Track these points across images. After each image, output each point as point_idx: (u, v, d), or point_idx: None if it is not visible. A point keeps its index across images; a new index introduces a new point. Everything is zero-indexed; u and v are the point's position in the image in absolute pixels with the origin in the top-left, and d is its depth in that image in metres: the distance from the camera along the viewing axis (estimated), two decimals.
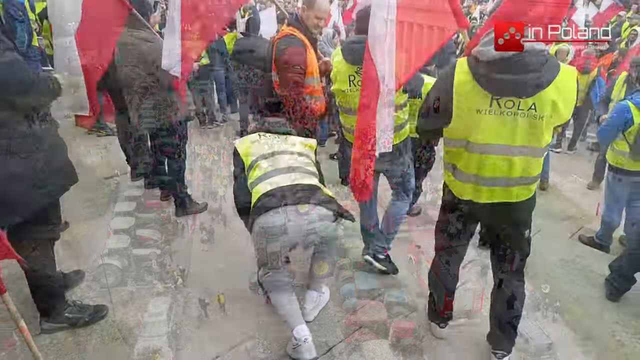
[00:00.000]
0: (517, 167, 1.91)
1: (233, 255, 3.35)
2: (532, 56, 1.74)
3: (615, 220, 4.08)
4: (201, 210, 4.03)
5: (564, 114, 1.81)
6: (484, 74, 1.78)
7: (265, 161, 2.40)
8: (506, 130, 1.84)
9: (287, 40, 3.02)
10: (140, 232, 3.61)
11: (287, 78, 2.99)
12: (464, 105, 1.85)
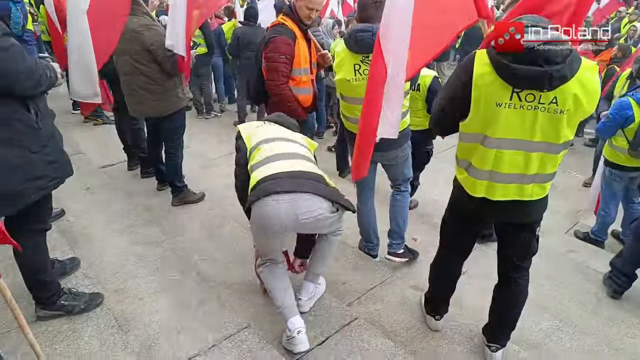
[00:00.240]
0: (534, 163, 1.86)
1: (231, 244, 3.35)
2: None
3: (611, 216, 4.11)
4: (198, 199, 4.02)
5: (588, 108, 1.75)
6: (506, 66, 1.70)
7: (267, 145, 2.36)
8: (526, 125, 1.78)
9: (275, 30, 3.04)
10: (137, 221, 3.61)
11: (271, 67, 3.02)
12: (484, 98, 1.78)
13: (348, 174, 5.28)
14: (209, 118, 7.12)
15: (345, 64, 2.79)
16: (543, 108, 1.74)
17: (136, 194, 4.14)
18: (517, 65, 1.67)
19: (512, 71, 1.69)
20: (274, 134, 2.48)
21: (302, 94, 3.23)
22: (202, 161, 5.02)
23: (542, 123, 1.77)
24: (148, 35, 3.26)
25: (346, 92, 2.88)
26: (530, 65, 1.66)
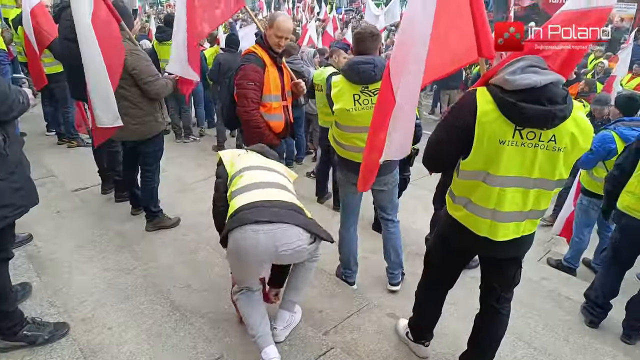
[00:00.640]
0: (531, 200, 1.90)
1: (205, 270, 3.28)
2: (558, 88, 1.74)
3: (585, 242, 4.22)
4: (173, 224, 3.94)
5: (583, 145, 1.81)
6: (513, 104, 1.72)
7: (249, 172, 2.35)
8: (526, 162, 1.82)
9: (246, 58, 3.13)
10: (108, 246, 3.50)
11: (240, 94, 3.08)
12: (487, 135, 1.79)
13: (327, 199, 5.30)
14: (188, 142, 7.08)
15: (345, 94, 2.83)
16: (543, 145, 1.78)
17: (109, 219, 4.04)
18: (525, 104, 1.70)
19: (520, 110, 1.71)
20: (255, 162, 2.48)
21: (274, 120, 3.28)
22: (178, 185, 4.96)
23: (541, 160, 1.81)
24: (130, 60, 3.26)
25: (344, 121, 2.90)
26: (534, 104, 1.70)
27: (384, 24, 13.11)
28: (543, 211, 1.99)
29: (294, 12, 21.79)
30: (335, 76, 2.93)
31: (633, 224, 3.08)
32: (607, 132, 3.77)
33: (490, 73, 1.88)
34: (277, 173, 2.46)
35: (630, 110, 3.95)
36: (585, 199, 4.11)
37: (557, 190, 1.94)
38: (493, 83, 1.82)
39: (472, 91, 1.86)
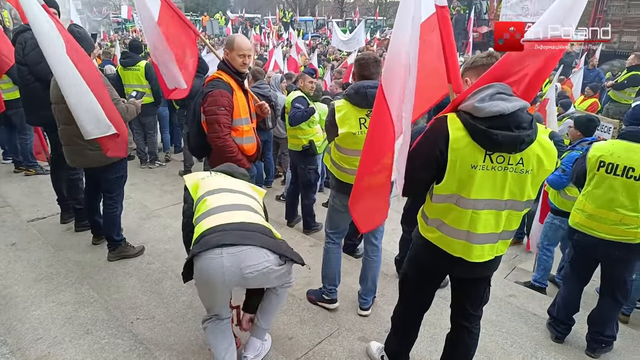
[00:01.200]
0: (503, 221, 1.96)
1: (171, 300, 3.16)
2: (525, 114, 1.82)
3: (551, 260, 4.34)
4: (137, 253, 3.80)
5: (548, 167, 1.90)
6: (481, 130, 1.79)
7: (212, 197, 2.31)
8: (497, 185, 1.89)
9: (212, 84, 3.11)
10: (67, 278, 3.34)
11: (212, 120, 3.06)
12: (460, 161, 1.85)
13: (296, 223, 5.27)
14: (153, 167, 6.93)
15: (351, 117, 2.83)
16: (512, 168, 1.86)
17: (68, 249, 3.86)
18: (494, 130, 1.78)
19: (490, 136, 1.78)
20: (220, 184, 2.44)
21: (247, 143, 3.27)
22: (142, 212, 4.81)
23: (510, 182, 1.88)
24: None
25: (348, 144, 2.90)
26: (504, 130, 1.78)
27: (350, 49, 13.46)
28: (514, 231, 2.06)
29: (262, 38, 22.10)
30: (337, 101, 2.93)
31: (585, 240, 3.17)
32: (574, 152, 3.95)
33: (459, 99, 1.94)
34: (242, 194, 2.42)
35: (590, 131, 4.15)
36: (557, 219, 4.22)
37: (526, 210, 2.01)
38: (462, 110, 1.88)
39: (443, 118, 1.91)
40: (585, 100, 8.51)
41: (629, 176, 2.94)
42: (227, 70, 3.16)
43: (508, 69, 1.91)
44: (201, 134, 3.21)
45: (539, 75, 1.95)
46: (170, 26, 3.84)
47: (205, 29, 30.46)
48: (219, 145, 3.09)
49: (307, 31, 31.00)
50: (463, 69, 2.20)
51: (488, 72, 1.92)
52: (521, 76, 1.92)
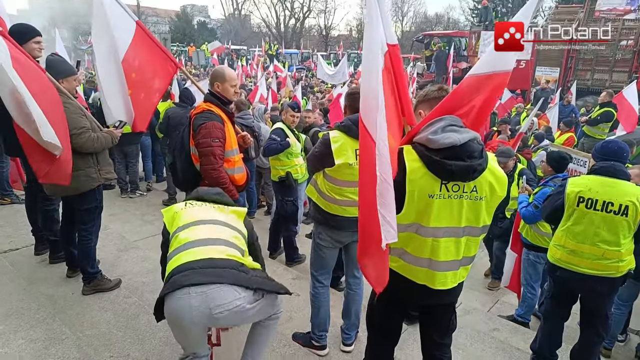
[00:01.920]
0: (462, 247, 2.01)
1: (148, 337, 3.05)
2: (476, 144, 1.91)
3: (536, 297, 4.34)
4: (113, 287, 3.68)
5: (500, 193, 1.99)
6: (435, 161, 1.87)
7: (186, 231, 2.25)
8: (454, 213, 1.94)
9: (204, 116, 3.09)
10: (38, 313, 3.20)
11: (206, 152, 3.04)
12: (417, 191, 1.91)
13: (279, 255, 5.21)
14: (134, 197, 6.81)
15: (348, 149, 2.83)
16: (467, 196, 1.93)
17: (41, 282, 3.71)
18: (448, 161, 1.85)
19: (444, 166, 1.86)
20: (195, 216, 2.36)
21: (238, 173, 3.28)
22: (121, 244, 4.69)
23: (466, 209, 1.95)
24: None
25: (342, 175, 2.88)
26: (457, 160, 1.86)
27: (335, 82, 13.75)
28: (473, 257, 2.11)
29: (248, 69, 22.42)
30: (333, 132, 2.94)
31: (567, 275, 3.19)
32: (546, 188, 4.01)
33: (414, 132, 2.02)
34: (218, 224, 2.35)
35: (562, 167, 4.26)
36: (532, 254, 4.27)
37: (483, 235, 2.07)
38: (417, 142, 1.95)
39: (399, 150, 1.98)
40: (562, 135, 8.79)
41: (608, 210, 3.00)
42: (216, 102, 3.16)
43: (457, 101, 2.01)
44: (190, 166, 3.18)
45: (485, 106, 2.05)
46: (142, 54, 3.81)
47: (191, 59, 30.79)
48: (213, 176, 3.07)
49: (292, 63, 31.59)
50: (416, 102, 2.29)
51: (440, 105, 2.01)
52: (469, 108, 2.02)
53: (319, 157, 2.95)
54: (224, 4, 51.22)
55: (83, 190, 3.38)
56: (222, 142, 3.09)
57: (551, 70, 15.70)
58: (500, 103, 12.23)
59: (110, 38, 3.71)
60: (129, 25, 3.79)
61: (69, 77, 3.37)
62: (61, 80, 3.29)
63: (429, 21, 50.31)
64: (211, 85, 3.23)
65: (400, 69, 2.11)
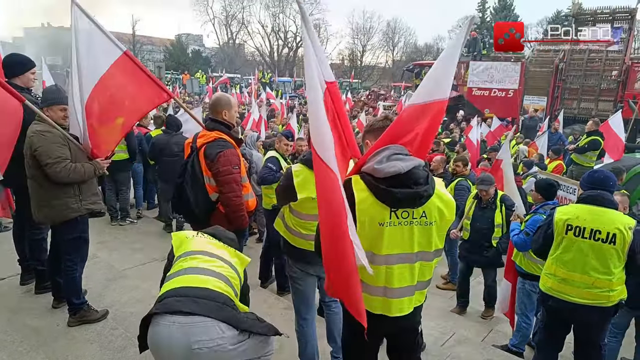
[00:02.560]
0: (416, 273, 2.04)
1: None
2: (421, 171, 1.96)
3: (531, 327, 4.29)
4: (100, 318, 3.59)
5: (449, 217, 2.05)
6: (382, 189, 1.91)
7: (190, 257, 2.24)
8: (405, 239, 1.97)
9: (219, 144, 3.08)
10: (21, 346, 3.11)
11: (229, 180, 3.04)
12: (368, 219, 1.94)
13: (270, 284, 5.14)
14: (124, 225, 6.73)
15: (309, 182, 2.80)
16: (416, 222, 1.97)
17: (26, 313, 3.62)
18: (395, 189, 1.89)
19: (391, 194, 1.90)
20: (201, 247, 2.36)
21: (250, 198, 3.33)
22: (109, 273, 4.60)
23: (417, 235, 1.99)
24: (36, 141, 3.18)
25: (306, 210, 2.88)
26: (403, 188, 1.90)
27: None
28: (428, 281, 2.14)
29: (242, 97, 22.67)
30: (294, 166, 2.95)
31: (559, 305, 3.18)
32: (537, 215, 4.04)
33: (361, 162, 2.07)
34: (220, 259, 2.34)
35: (551, 195, 4.30)
36: (528, 283, 4.24)
37: (437, 260, 2.10)
38: (364, 171, 2.00)
39: (348, 180, 2.02)
40: (551, 163, 8.91)
41: (596, 239, 3.02)
42: (225, 130, 3.17)
43: (401, 130, 2.07)
44: (206, 197, 3.16)
45: (427, 134, 2.12)
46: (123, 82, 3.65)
47: (185, 86, 31.12)
48: (236, 204, 3.07)
49: (286, 91, 32.04)
50: (363, 132, 2.36)
51: (384, 135, 2.07)
52: (413, 136, 2.07)
53: (282, 191, 2.95)
54: (219, 33, 52.11)
55: (61, 220, 3.33)
56: (239, 169, 3.12)
57: (539, 99, 16.09)
58: (490, 131, 12.46)
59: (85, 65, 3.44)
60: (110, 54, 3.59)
61: (52, 106, 3.31)
62: (45, 109, 3.29)
63: (419, 51, 51.68)
64: (217, 114, 3.22)
65: (340, 104, 2.22)
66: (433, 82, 2.10)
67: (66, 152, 3.26)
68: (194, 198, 3.20)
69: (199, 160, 3.13)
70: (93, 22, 3.40)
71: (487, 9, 43.18)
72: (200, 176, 3.14)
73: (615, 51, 14.74)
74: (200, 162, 3.12)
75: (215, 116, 3.23)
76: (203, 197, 3.18)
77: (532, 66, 16.51)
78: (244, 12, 50.54)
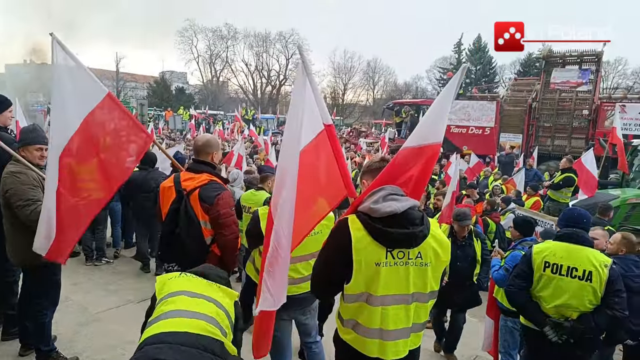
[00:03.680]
0: (412, 314, 2.02)
1: None
2: (417, 212, 1.98)
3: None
4: None
5: (444, 258, 2.05)
6: (378, 229, 1.92)
7: (169, 300, 2.14)
8: (401, 280, 1.97)
9: (214, 187, 3.04)
10: None
11: (229, 222, 3.00)
12: (364, 259, 1.93)
13: (250, 325, 4.98)
14: (100, 265, 6.52)
15: None
16: (412, 262, 1.98)
17: None
18: (391, 229, 1.91)
19: (387, 234, 1.91)
20: (182, 286, 2.26)
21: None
22: (81, 316, 4.42)
23: (413, 276, 1.98)
24: (8, 182, 3.14)
25: None
26: (399, 228, 1.92)
27: None
28: (424, 324, 2.12)
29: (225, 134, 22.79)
30: (261, 209, 2.95)
31: (539, 344, 3.17)
32: (517, 252, 4.08)
33: (357, 201, 2.10)
34: (202, 297, 2.25)
35: (529, 232, 4.38)
36: (510, 320, 4.22)
37: (432, 302, 2.09)
38: (361, 211, 2.02)
39: (344, 220, 2.04)
40: (529, 199, 9.11)
41: (573, 276, 3.06)
42: (215, 173, 3.14)
43: (396, 171, 2.12)
44: (202, 242, 3.05)
45: (422, 176, 2.19)
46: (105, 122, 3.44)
47: (167, 123, 31.14)
48: (234, 246, 3.04)
49: (269, 128, 32.33)
50: (361, 172, 2.41)
51: (380, 175, 2.11)
52: (408, 177, 2.13)
53: (251, 235, 2.95)
54: (203, 71, 52.87)
55: (31, 262, 3.20)
56: (234, 210, 3.14)
57: (514, 137, 16.64)
58: (468, 167, 12.73)
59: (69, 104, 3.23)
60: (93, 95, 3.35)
61: (28, 146, 3.27)
62: (21, 149, 3.26)
63: (399, 89, 53.23)
64: (207, 155, 3.17)
65: (337, 145, 2.28)
66: (427, 127, 2.18)
67: (38, 194, 3.18)
68: (190, 244, 3.07)
69: (191, 205, 3.01)
70: (74, 60, 3.25)
71: (462, 51, 45.23)
72: (195, 221, 3.02)
73: (584, 91, 15.45)
74: (193, 206, 3.01)
75: (204, 158, 3.17)
76: (200, 241, 3.06)
77: (507, 105, 17.18)
78: (227, 51, 51.70)
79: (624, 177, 9.20)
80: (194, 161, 3.25)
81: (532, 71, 36.75)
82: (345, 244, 1.95)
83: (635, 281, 3.59)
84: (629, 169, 8.98)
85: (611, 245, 3.86)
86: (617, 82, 42.40)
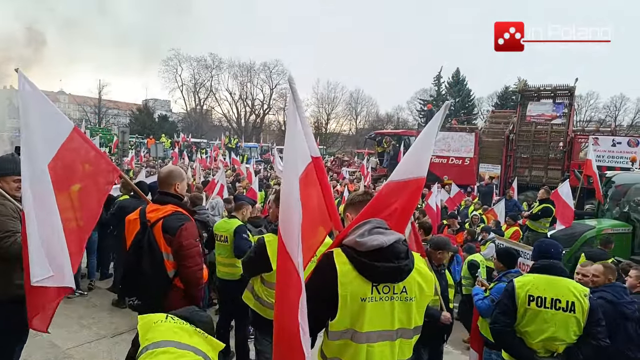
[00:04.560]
0: (397, 351, 1.96)
1: None
2: (402, 245, 1.96)
3: None
4: None
5: (428, 292, 2.02)
6: (364, 263, 1.89)
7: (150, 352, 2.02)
8: (387, 315, 1.92)
9: (178, 217, 2.99)
10: None
11: (193, 253, 2.94)
12: (350, 294, 1.88)
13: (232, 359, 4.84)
14: (73, 297, 6.26)
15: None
16: (397, 297, 1.94)
17: None
18: (377, 262, 1.88)
19: (373, 268, 1.88)
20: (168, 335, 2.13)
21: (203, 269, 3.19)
22: (51, 353, 4.21)
23: (398, 311, 1.94)
24: None
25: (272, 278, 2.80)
26: (385, 262, 1.89)
27: None
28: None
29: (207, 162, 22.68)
30: (267, 235, 2.90)
31: None
32: (501, 283, 4.09)
33: (342, 235, 2.07)
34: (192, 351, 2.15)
35: (512, 263, 4.41)
36: (494, 353, 4.17)
37: (416, 338, 2.04)
38: (346, 244, 1.99)
39: (329, 254, 1.99)
40: (509, 229, 9.22)
41: (557, 308, 3.06)
42: (180, 204, 3.10)
43: (381, 204, 2.14)
44: (165, 274, 2.96)
45: (406, 209, 2.21)
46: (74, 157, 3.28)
47: (149, 150, 30.86)
48: (197, 277, 2.95)
49: (252, 156, 32.36)
50: (344, 206, 2.40)
51: (365, 209, 2.12)
52: (392, 210, 2.14)
53: (255, 262, 2.89)
54: (187, 99, 53.05)
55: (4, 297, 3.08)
56: (199, 241, 3.06)
57: (493, 167, 17.01)
58: (449, 197, 12.89)
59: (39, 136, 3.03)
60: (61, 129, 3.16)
61: (5, 176, 3.18)
62: None
63: (381, 120, 54.25)
64: (169, 186, 3.12)
65: (325, 178, 2.27)
66: (411, 162, 2.21)
67: (17, 225, 3.08)
68: (151, 276, 2.98)
69: (154, 236, 2.97)
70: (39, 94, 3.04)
71: (442, 83, 46.70)
72: (158, 253, 2.95)
73: (559, 124, 16.00)
74: (156, 237, 2.96)
75: (167, 189, 3.12)
76: (161, 274, 2.98)
77: (485, 136, 17.64)
78: (212, 80, 52.15)
79: (599, 207, 9.42)
80: (159, 193, 3.18)
81: (508, 104, 38.11)
82: (330, 278, 1.90)
83: (629, 308, 3.59)
84: (603, 199, 9.23)
85: (597, 278, 3.88)
86: (589, 115, 44.30)
